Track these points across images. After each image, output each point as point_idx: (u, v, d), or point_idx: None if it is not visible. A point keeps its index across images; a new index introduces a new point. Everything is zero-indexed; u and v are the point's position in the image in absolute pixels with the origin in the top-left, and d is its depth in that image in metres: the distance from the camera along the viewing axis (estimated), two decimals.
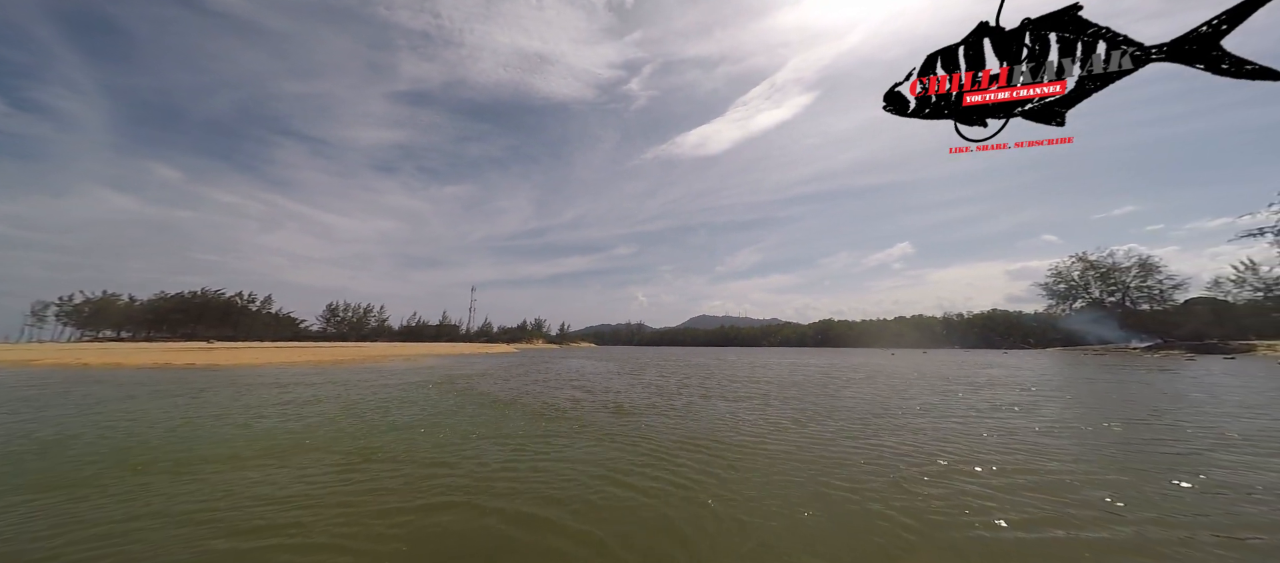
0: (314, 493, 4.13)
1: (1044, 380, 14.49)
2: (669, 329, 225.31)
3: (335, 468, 4.96)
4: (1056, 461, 4.95)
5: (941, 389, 11.98)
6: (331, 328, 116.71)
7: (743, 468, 4.98)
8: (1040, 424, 7.06)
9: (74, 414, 8.17)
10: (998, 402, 9.46)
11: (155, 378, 15.45)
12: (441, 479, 4.52)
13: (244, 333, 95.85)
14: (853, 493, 3.91)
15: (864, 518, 3.35)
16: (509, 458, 5.33)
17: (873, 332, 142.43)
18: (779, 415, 8.06)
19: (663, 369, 22.50)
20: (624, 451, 5.67)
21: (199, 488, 4.26)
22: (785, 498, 3.89)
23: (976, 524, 3.18)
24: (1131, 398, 10.11)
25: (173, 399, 10.08)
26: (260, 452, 5.57)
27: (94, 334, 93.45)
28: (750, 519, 3.40)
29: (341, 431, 6.83)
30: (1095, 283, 58.08)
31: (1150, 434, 6.32)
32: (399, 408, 8.96)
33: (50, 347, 48.62)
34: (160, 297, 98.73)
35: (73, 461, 5.24)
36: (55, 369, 19.61)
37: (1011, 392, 11.36)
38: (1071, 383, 13.73)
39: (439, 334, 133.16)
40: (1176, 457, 5.15)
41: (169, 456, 5.39)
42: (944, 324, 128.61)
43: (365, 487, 4.32)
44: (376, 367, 22.35)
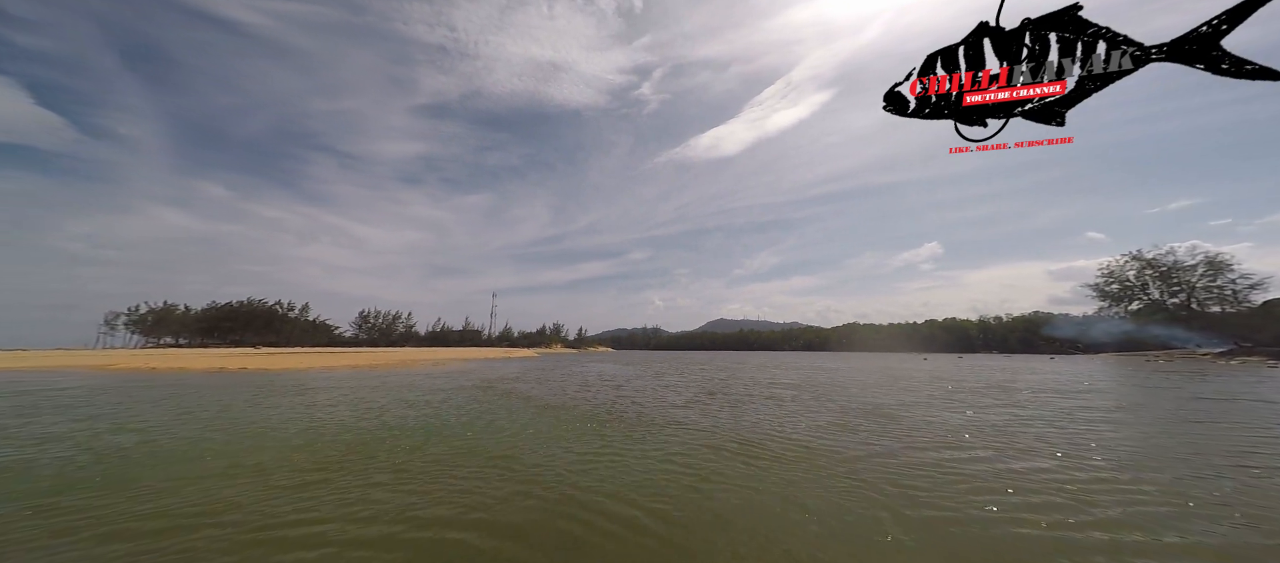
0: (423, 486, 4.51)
1: (1102, 390, 12.99)
2: (686, 333, 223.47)
3: (436, 463, 5.33)
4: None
5: (1003, 401, 10.39)
6: (363, 334, 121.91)
7: (787, 461, 5.08)
8: (1116, 455, 5.55)
9: (250, 410, 9.00)
10: (1071, 431, 7.13)
11: (225, 382, 16.59)
12: (540, 475, 4.77)
13: (285, 339, 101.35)
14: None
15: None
16: (585, 457, 5.55)
17: (903, 335, 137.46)
18: (830, 420, 7.97)
19: (685, 373, 22.49)
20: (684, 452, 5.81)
21: (402, 477, 4.72)
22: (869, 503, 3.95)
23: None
24: (1241, 419, 8.01)
25: (274, 402, 10.81)
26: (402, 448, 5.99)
27: (156, 341, 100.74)
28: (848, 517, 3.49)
29: (435, 431, 7.28)
30: (1154, 283, 54.01)
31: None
32: (464, 412, 9.30)
33: (123, 352, 52.74)
34: (211, 306, 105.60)
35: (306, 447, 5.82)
36: (134, 373, 21.37)
37: (1077, 408, 9.38)
38: (1146, 396, 11.73)
39: (462, 339, 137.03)
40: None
41: (335, 445, 6.05)
42: (980, 327, 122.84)
43: (494, 478, 4.66)
44: (409, 371, 23.28)
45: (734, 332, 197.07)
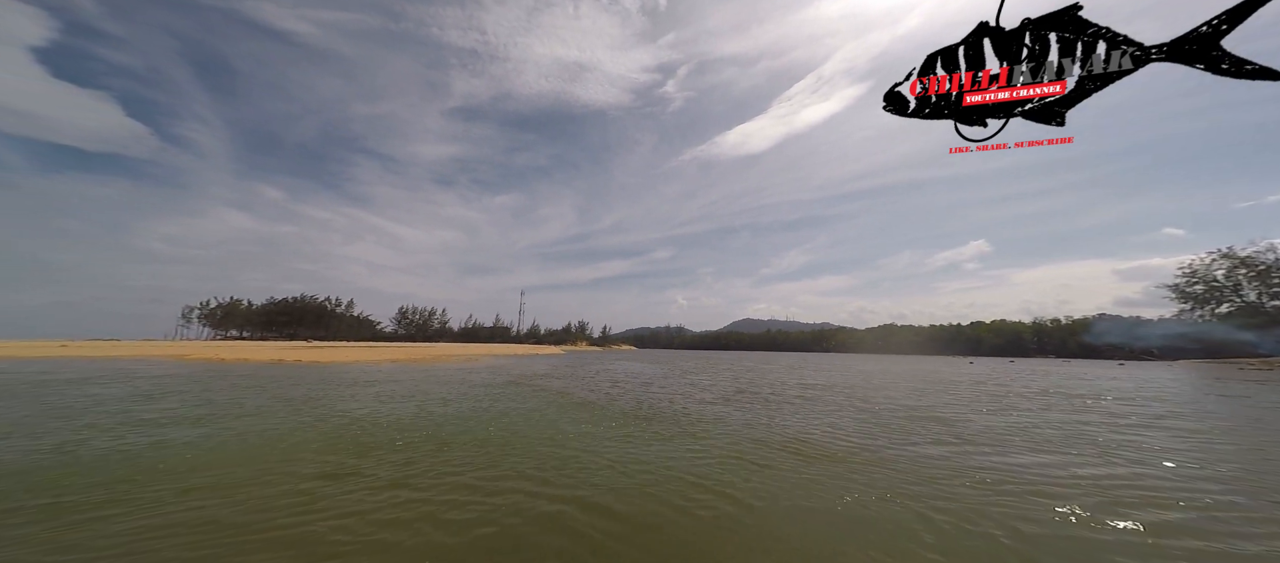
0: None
1: (1209, 410, 9.89)
2: (710, 332, 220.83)
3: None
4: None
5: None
6: (402, 329, 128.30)
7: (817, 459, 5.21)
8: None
9: (337, 401, 9.73)
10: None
11: (289, 373, 18.10)
12: (597, 469, 5.02)
13: (332, 333, 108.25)
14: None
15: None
16: (627, 452, 5.79)
17: (945, 337, 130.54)
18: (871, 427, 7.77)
19: (715, 373, 22.51)
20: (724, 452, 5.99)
21: (462, 461, 5.18)
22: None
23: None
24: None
25: (351, 393, 11.70)
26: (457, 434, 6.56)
27: (223, 334, 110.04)
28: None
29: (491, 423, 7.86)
30: (1249, 283, 48.79)
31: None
32: (520, 407, 9.59)
33: (195, 344, 58.22)
34: (270, 302, 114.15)
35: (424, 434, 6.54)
36: (206, 363, 23.66)
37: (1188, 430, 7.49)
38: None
39: (492, 335, 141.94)
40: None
41: (427, 435, 6.55)
42: (1033, 330, 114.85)
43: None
44: (447, 366, 24.49)
45: (761, 332, 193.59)
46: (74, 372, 16.86)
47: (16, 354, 29.86)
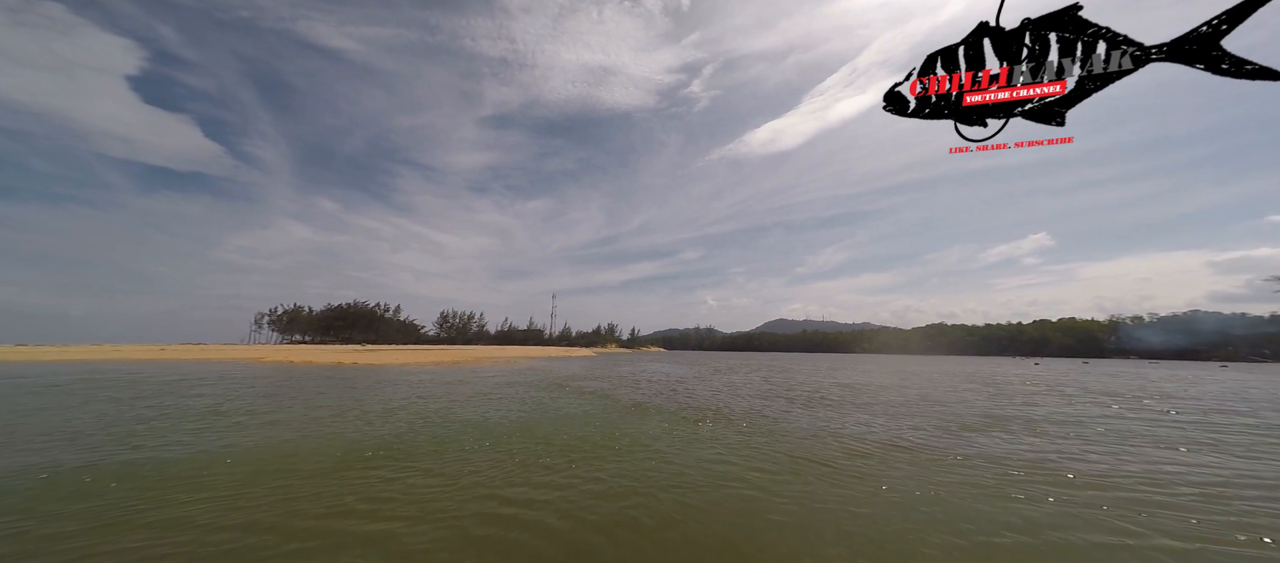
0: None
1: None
2: (742, 334, 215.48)
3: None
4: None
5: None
6: (443, 332, 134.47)
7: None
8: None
9: (420, 402, 10.41)
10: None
11: (354, 376, 19.13)
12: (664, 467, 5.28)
13: (381, 337, 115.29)
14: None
15: None
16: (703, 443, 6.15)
17: (1004, 337, 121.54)
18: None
19: (749, 375, 22.19)
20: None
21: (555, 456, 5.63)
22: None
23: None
24: None
25: (429, 394, 12.67)
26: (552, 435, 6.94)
27: (288, 338, 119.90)
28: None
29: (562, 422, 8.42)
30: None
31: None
32: (571, 407, 9.92)
33: (268, 347, 63.93)
34: (327, 308, 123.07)
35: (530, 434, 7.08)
36: (278, 365, 26.02)
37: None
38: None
39: (526, 338, 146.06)
40: None
41: (524, 432, 7.13)
42: (1110, 329, 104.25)
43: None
44: (488, 367, 25.64)
45: (796, 333, 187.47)
46: (188, 373, 18.84)
47: (128, 357, 34.17)
